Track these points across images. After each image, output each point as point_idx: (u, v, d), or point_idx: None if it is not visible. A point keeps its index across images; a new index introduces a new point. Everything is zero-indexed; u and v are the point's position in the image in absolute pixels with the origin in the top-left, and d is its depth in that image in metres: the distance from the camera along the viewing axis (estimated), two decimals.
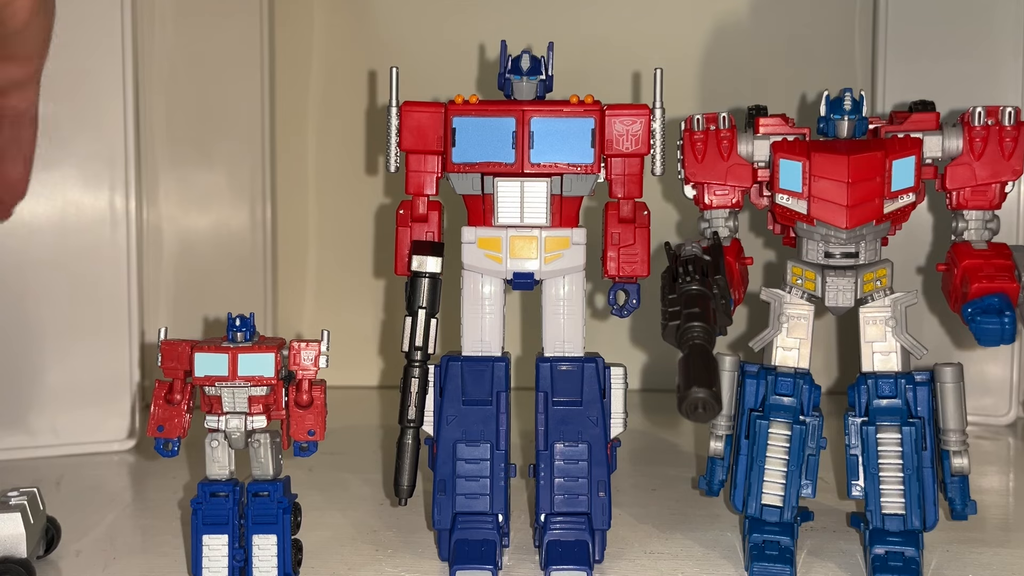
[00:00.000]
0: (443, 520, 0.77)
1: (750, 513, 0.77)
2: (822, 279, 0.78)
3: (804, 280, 0.78)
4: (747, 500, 0.77)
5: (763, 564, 0.74)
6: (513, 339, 1.23)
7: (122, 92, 1.05)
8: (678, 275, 0.72)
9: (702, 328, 0.67)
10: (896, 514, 0.76)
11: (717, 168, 0.79)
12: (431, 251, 0.77)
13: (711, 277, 0.71)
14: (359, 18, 1.36)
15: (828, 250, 0.77)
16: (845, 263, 0.77)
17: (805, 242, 0.78)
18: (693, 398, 0.62)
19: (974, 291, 0.74)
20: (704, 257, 0.74)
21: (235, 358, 0.70)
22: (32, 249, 1.04)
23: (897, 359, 0.78)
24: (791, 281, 0.79)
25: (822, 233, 0.76)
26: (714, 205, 0.80)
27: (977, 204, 0.77)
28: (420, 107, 0.79)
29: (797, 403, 0.77)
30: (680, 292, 0.70)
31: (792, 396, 0.77)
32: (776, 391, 0.78)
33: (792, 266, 0.79)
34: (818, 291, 0.78)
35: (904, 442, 0.75)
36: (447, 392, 0.78)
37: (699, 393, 0.62)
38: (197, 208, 1.27)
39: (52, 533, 0.79)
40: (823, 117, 0.78)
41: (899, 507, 0.76)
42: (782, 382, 0.78)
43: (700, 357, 0.65)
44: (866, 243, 0.77)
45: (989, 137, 0.76)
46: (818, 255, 0.77)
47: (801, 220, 0.76)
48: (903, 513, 0.75)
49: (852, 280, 0.77)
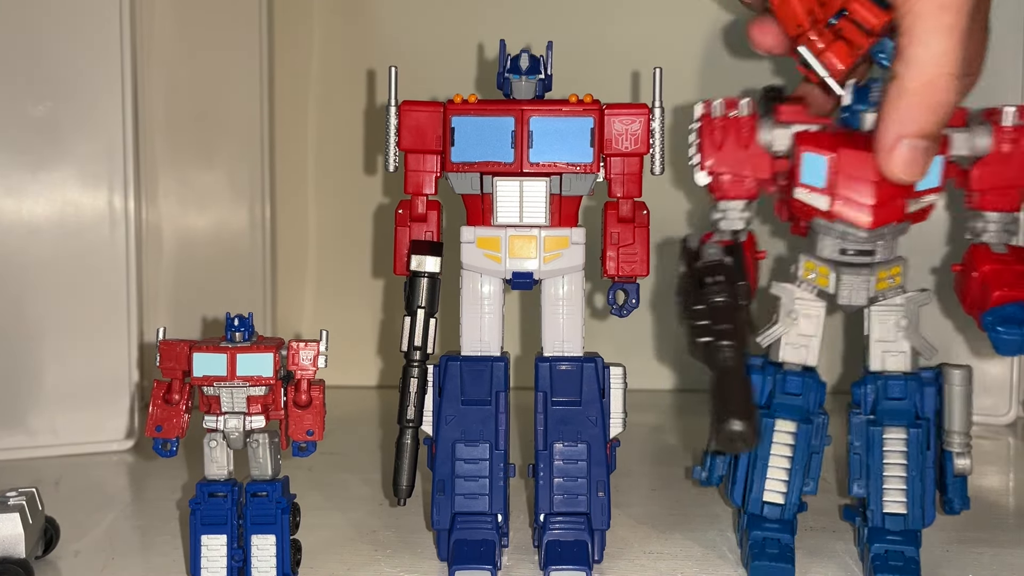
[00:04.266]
0: (442, 520, 0.76)
1: (750, 510, 0.77)
2: (836, 276, 0.75)
3: (817, 275, 0.76)
4: (747, 497, 0.77)
5: (764, 563, 0.73)
6: (512, 339, 1.23)
7: (121, 92, 1.05)
8: (703, 283, 0.68)
9: (733, 349, 0.64)
10: (897, 513, 0.75)
11: (736, 157, 0.75)
12: (430, 251, 0.77)
13: (735, 284, 0.69)
14: (359, 18, 1.36)
15: (844, 247, 0.74)
16: (860, 260, 0.74)
17: (820, 237, 0.75)
18: (730, 431, 0.61)
19: (995, 299, 0.72)
20: (727, 261, 0.70)
21: (234, 358, 0.70)
22: (31, 249, 1.04)
23: (906, 359, 0.76)
24: (803, 276, 0.76)
25: (840, 230, 0.73)
26: (730, 196, 0.77)
27: (999, 206, 0.75)
28: (419, 106, 0.79)
29: (805, 402, 0.76)
30: (708, 304, 0.67)
31: (800, 394, 0.76)
32: (784, 390, 0.76)
33: (805, 261, 0.76)
34: (831, 288, 0.76)
35: (910, 443, 0.75)
36: (446, 392, 0.78)
37: (736, 426, 0.60)
38: (197, 208, 1.27)
39: (51, 533, 0.79)
40: (848, 107, 0.73)
41: (900, 507, 0.75)
42: (791, 381, 0.76)
43: (735, 383, 0.63)
44: (884, 242, 0.74)
45: (1019, 138, 0.74)
46: (833, 252, 0.74)
47: (820, 216, 0.73)
48: (904, 512, 0.75)
49: (867, 278, 0.75)
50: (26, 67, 1.03)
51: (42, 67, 1.03)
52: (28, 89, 1.03)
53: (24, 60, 1.03)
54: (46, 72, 1.04)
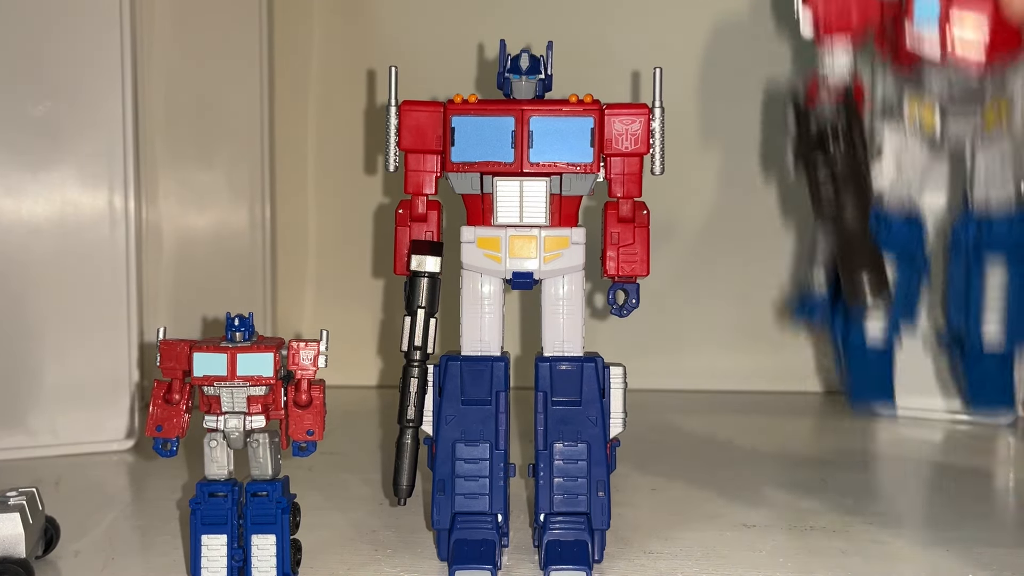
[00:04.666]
0: (442, 520, 0.76)
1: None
2: (942, 115, 0.72)
3: (921, 116, 0.73)
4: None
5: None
6: (512, 339, 1.23)
7: (121, 92, 1.05)
8: (824, 149, 0.67)
9: (858, 213, 0.65)
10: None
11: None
12: (430, 251, 0.77)
13: (854, 146, 0.67)
14: (359, 18, 1.36)
15: (953, 87, 0.71)
16: (969, 99, 0.72)
17: (927, 76, 0.71)
18: (862, 282, 0.64)
19: None
20: (842, 125, 0.68)
21: (234, 358, 0.70)
22: (31, 249, 1.04)
23: (1010, 196, 0.75)
24: (908, 117, 0.73)
25: (950, 71, 0.70)
26: (836, 29, 0.72)
27: None
28: (419, 106, 0.79)
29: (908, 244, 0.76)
30: (832, 172, 0.67)
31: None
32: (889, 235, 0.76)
33: (910, 99, 0.73)
34: (936, 127, 0.73)
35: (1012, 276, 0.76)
36: (446, 392, 0.78)
37: (867, 277, 0.63)
38: (196, 208, 1.27)
39: (51, 533, 0.79)
40: None
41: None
42: (896, 227, 0.76)
43: (864, 245, 0.64)
44: (994, 80, 0.71)
45: None
46: (942, 90, 0.71)
47: (932, 63, 0.70)
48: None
49: (973, 118, 0.72)
50: (26, 67, 1.03)
51: (42, 67, 1.03)
52: (28, 89, 1.03)
53: (24, 60, 1.03)
54: (46, 72, 1.04)
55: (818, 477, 0.98)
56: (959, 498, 0.77)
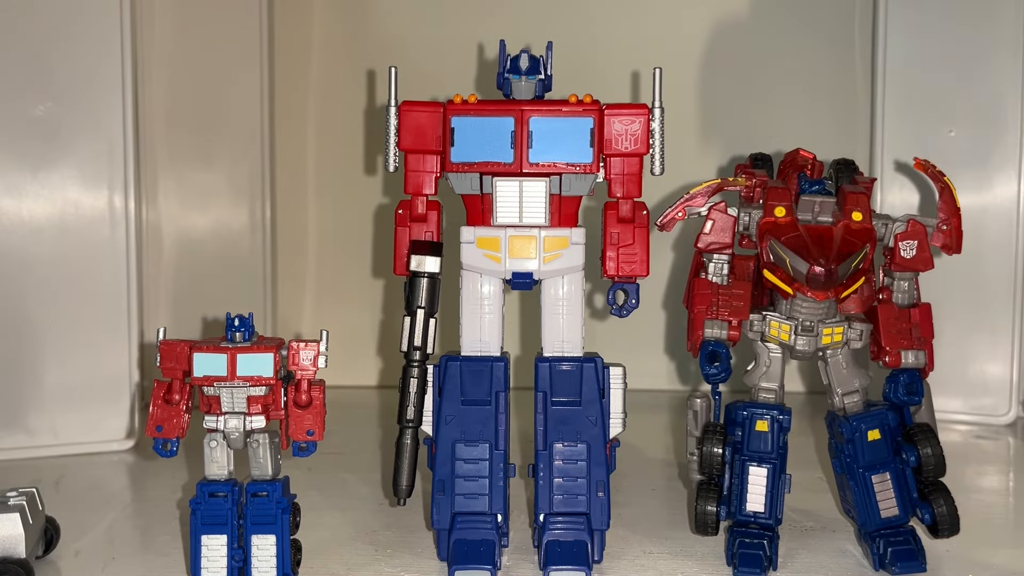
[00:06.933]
0: (442, 520, 0.76)
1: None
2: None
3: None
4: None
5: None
6: (512, 339, 1.23)
7: (121, 92, 1.05)
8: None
9: None
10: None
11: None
12: (430, 251, 0.77)
13: None
14: (359, 17, 1.36)
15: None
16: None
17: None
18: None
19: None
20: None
21: (234, 358, 0.70)
22: (31, 249, 1.04)
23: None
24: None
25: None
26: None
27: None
28: (419, 107, 0.79)
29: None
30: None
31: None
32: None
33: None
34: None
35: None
36: (446, 392, 0.78)
37: None
38: (197, 208, 1.27)
39: (51, 533, 0.79)
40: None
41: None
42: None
43: None
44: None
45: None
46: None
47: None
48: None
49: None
50: (26, 67, 1.03)
51: (42, 67, 1.03)
52: (28, 89, 1.03)
53: (24, 60, 1.03)
54: (46, 72, 1.04)
55: (818, 477, 0.98)
56: (958, 498, 0.77)
